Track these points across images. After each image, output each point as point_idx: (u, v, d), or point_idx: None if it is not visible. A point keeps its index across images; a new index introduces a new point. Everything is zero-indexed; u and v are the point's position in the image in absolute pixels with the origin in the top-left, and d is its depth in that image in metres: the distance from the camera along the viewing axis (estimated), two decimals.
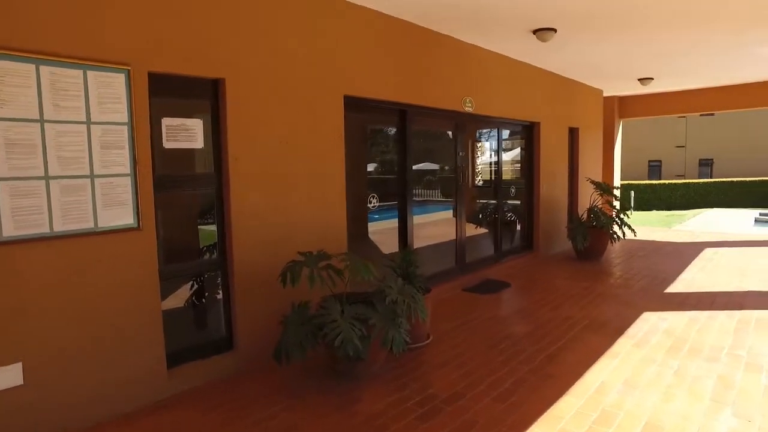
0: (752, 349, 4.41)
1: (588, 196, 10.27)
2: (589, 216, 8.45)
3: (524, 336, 4.80)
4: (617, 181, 12.02)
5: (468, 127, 6.89)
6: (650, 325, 5.07)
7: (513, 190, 8.18)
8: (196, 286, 4.00)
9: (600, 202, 8.74)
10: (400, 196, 5.83)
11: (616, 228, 8.32)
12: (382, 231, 6.01)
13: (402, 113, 5.72)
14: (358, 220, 5.55)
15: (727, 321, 5.16)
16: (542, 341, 4.64)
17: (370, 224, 5.79)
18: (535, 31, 5.83)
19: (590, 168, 10.34)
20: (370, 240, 5.84)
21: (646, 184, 20.09)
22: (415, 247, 6.00)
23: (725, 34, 6.51)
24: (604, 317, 5.34)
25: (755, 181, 19.70)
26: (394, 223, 5.92)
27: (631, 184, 19.67)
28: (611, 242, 8.44)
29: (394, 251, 5.85)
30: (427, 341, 4.61)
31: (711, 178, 22.75)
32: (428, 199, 6.60)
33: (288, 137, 4.29)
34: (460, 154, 6.69)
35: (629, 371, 3.96)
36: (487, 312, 5.62)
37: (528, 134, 8.31)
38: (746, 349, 4.41)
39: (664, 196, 18.37)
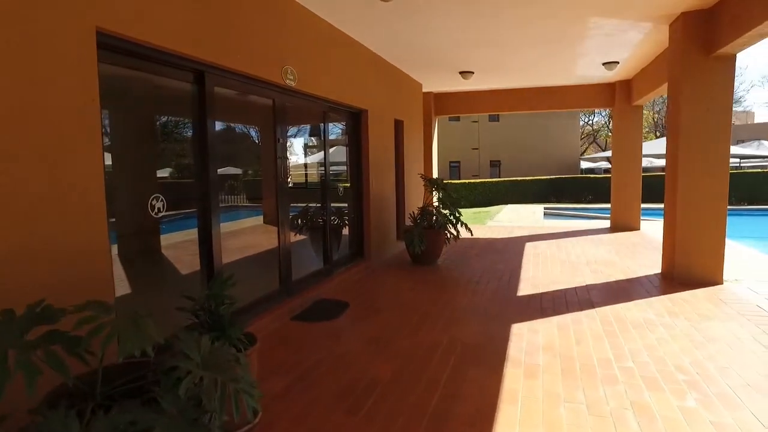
0: (634, 355, 3.89)
1: (414, 194, 9.65)
2: (423, 216, 7.65)
3: (390, 383, 3.47)
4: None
5: (289, 107, 5.34)
6: (526, 341, 4.24)
7: (341, 190, 6.89)
8: None
9: (433, 201, 8.06)
10: (201, 198, 4.02)
11: (451, 228, 7.66)
12: (181, 244, 4.14)
13: (199, 76, 3.93)
14: (140, 234, 3.63)
15: (593, 324, 4.66)
16: (417, 389, 3.37)
17: (163, 237, 3.85)
18: None
19: (414, 165, 9.71)
20: (163, 258, 3.92)
21: (451, 183, 21.25)
22: (223, 262, 4.24)
23: (548, 28, 6.32)
24: (474, 339, 4.34)
25: (534, 179, 22.29)
26: (195, 233, 4.09)
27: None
28: (446, 243, 7.78)
29: (197, 269, 4.05)
30: (255, 422, 2.94)
31: (500, 177, 25.30)
32: (234, 205, 4.87)
33: None
34: (280, 141, 5.11)
35: (540, 422, 2.93)
36: (331, 348, 4.18)
37: (355, 123, 7.12)
38: (629, 357, 3.86)
39: (465, 195, 19.44)
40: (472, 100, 11.46)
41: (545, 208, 17.20)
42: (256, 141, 5.19)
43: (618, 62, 8.26)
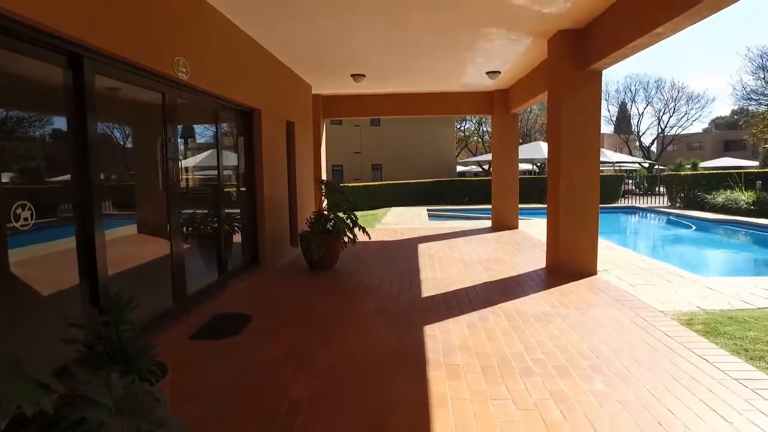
0: (542, 347, 4.12)
1: (306, 199, 9.40)
2: (320, 220, 7.45)
3: (316, 402, 3.24)
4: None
5: (180, 103, 4.82)
6: (441, 343, 4.27)
7: (234, 195, 6.42)
8: None
9: (326, 204, 7.88)
10: (80, 204, 3.43)
11: (348, 232, 7.54)
12: (44, 258, 3.48)
13: (75, 61, 3.34)
14: None
15: (499, 320, 4.85)
16: (345, 406, 3.19)
17: (13, 251, 3.15)
18: None
19: (305, 168, 9.44)
20: (13, 278, 3.22)
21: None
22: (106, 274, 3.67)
23: (442, 36, 6.54)
24: (392, 346, 4.26)
25: (414, 182, 23.12)
26: (63, 244, 3.46)
27: None
28: (343, 247, 7.65)
29: (67, 287, 3.44)
30: None
31: (381, 181, 25.84)
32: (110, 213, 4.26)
33: None
34: (171, 140, 4.59)
35: (474, 421, 2.93)
36: (242, 368, 3.82)
37: (247, 123, 6.70)
38: (538, 349, 4.07)
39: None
40: (361, 103, 11.49)
41: (428, 210, 17.87)
42: (131, 141, 4.56)
43: (500, 72, 8.84)
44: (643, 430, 2.77)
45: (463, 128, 44.87)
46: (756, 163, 30.75)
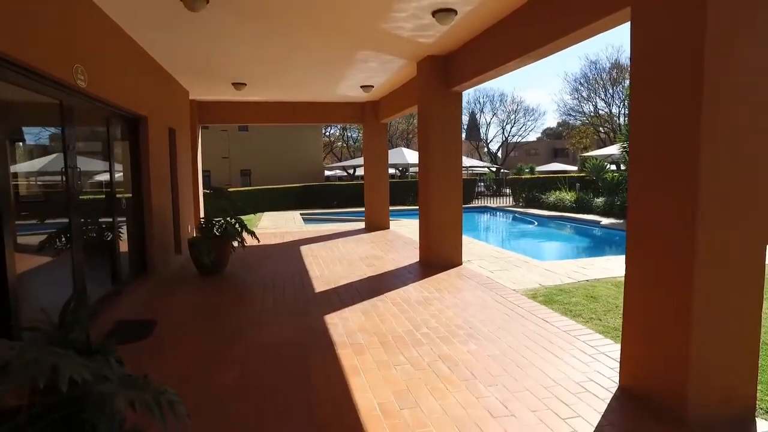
0: (426, 324, 4.95)
1: (187, 205, 9.37)
2: (209, 225, 7.60)
3: (244, 385, 3.68)
4: (200, 189, 11.50)
5: (77, 111, 4.78)
6: (343, 328, 4.91)
7: (124, 203, 6.36)
8: None
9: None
10: None
11: (237, 236, 7.79)
12: None
13: None
14: None
15: (387, 306, 5.62)
16: (271, 384, 3.68)
17: None
18: None
19: (185, 174, 9.39)
20: None
21: (206, 192, 20.48)
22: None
23: (325, 54, 7.17)
24: (299, 334, 4.79)
25: (285, 187, 23.33)
26: None
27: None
28: (232, 252, 7.88)
29: None
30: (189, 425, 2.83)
31: (251, 186, 25.52)
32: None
33: None
34: (70, 147, 4.57)
35: (384, 383, 3.63)
36: (162, 366, 4.07)
37: (135, 130, 6.65)
38: (424, 325, 4.90)
39: (222, 203, 19.12)
40: (237, 110, 11.62)
41: (302, 214, 18.31)
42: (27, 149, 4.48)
43: (374, 86, 9.73)
44: (507, 371, 3.73)
45: (328, 134, 45.87)
46: (575, 168, 36.29)
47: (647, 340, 3.25)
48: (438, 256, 7.79)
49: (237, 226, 7.76)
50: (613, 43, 52.89)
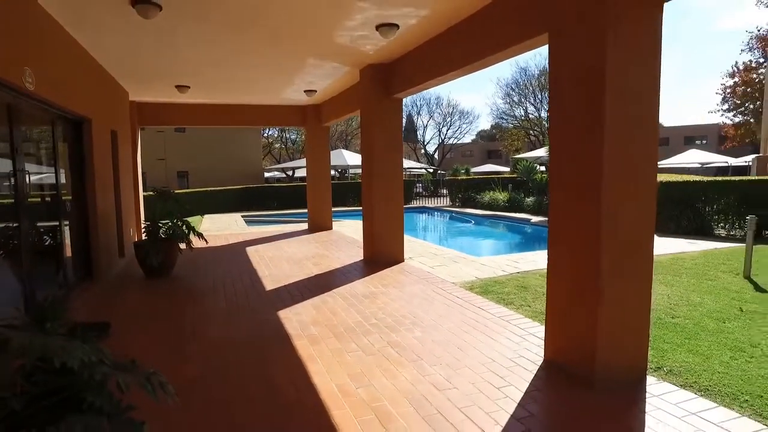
0: (375, 315, 5.35)
1: (130, 208, 9.26)
2: (157, 228, 7.61)
3: (208, 376, 3.92)
4: (140, 191, 11.32)
5: (24, 114, 4.78)
6: (296, 321, 5.21)
7: (69, 206, 6.30)
8: None
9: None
10: None
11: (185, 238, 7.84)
12: None
13: None
14: None
15: (337, 301, 5.97)
16: (234, 373, 3.95)
17: None
18: None
19: (126, 177, 9.27)
20: None
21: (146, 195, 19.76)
22: None
23: (271, 59, 7.41)
24: (256, 329, 5.05)
25: (224, 189, 22.97)
26: None
27: None
28: (179, 253, 7.92)
29: None
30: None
31: (188, 188, 24.87)
32: None
33: None
34: (18, 151, 4.58)
35: (340, 367, 3.99)
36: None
37: (79, 133, 6.59)
38: (372, 317, 5.30)
39: (168, 205, 18.59)
40: (178, 111, 11.51)
41: (243, 216, 18.19)
42: None
43: (317, 90, 10.02)
44: (449, 352, 4.20)
45: (266, 135, 45.33)
46: (508, 169, 38.09)
47: (564, 320, 3.82)
48: (381, 253, 8.22)
49: (184, 227, 7.82)
50: (541, 51, 55.89)
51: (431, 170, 35.43)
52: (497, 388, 3.55)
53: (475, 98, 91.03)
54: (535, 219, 15.48)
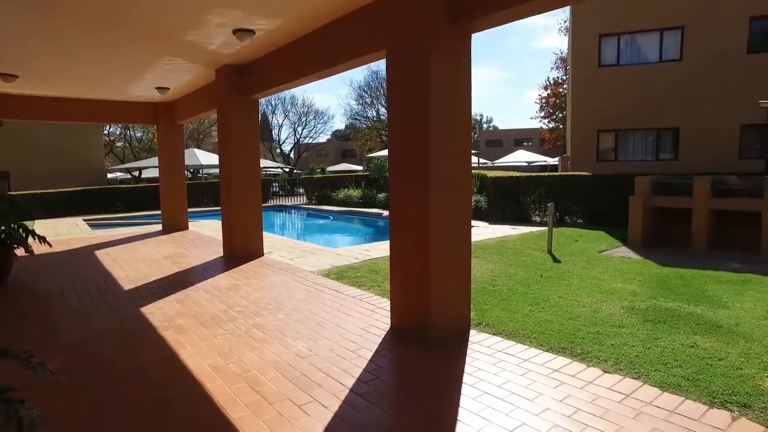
0: (239, 304, 5.72)
1: None
2: None
3: (77, 369, 3.98)
4: None
5: None
6: (161, 315, 5.36)
7: None
8: None
9: None
10: None
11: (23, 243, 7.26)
12: None
13: None
14: None
15: (201, 294, 6.19)
16: (104, 367, 4.06)
17: None
18: None
19: None
20: None
21: None
22: None
23: (122, 54, 7.23)
24: (120, 327, 5.09)
25: (57, 191, 20.58)
26: None
27: None
28: (15, 259, 7.31)
29: None
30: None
31: (11, 191, 21.66)
32: None
33: None
34: None
35: (209, 349, 4.34)
36: None
37: None
38: (237, 305, 5.66)
39: (1, 207, 16.05)
40: (4, 104, 10.31)
41: (86, 220, 16.67)
42: None
43: (170, 88, 9.82)
44: (309, 328, 4.79)
45: (107, 132, 41.21)
46: (362, 167, 39.73)
47: (405, 291, 4.64)
48: (241, 249, 8.48)
49: (21, 231, 7.24)
50: None
51: (287, 170, 35.53)
52: (351, 351, 4.22)
53: (330, 98, 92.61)
54: (386, 213, 16.74)
